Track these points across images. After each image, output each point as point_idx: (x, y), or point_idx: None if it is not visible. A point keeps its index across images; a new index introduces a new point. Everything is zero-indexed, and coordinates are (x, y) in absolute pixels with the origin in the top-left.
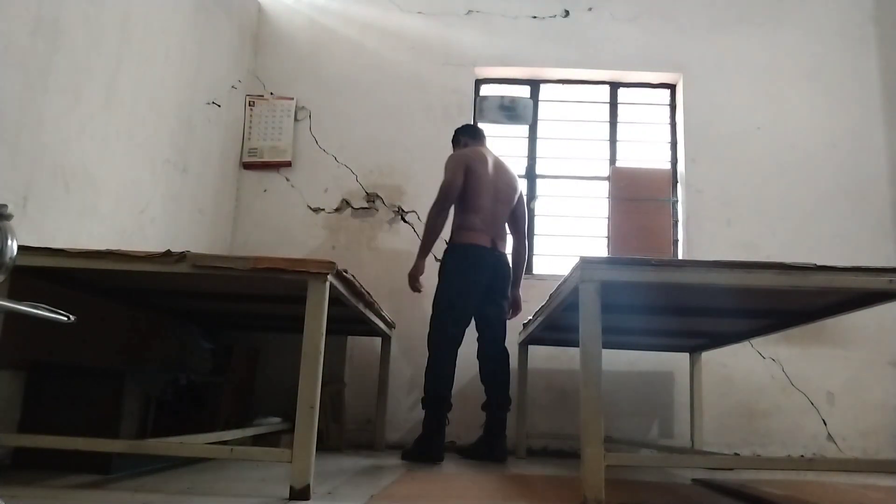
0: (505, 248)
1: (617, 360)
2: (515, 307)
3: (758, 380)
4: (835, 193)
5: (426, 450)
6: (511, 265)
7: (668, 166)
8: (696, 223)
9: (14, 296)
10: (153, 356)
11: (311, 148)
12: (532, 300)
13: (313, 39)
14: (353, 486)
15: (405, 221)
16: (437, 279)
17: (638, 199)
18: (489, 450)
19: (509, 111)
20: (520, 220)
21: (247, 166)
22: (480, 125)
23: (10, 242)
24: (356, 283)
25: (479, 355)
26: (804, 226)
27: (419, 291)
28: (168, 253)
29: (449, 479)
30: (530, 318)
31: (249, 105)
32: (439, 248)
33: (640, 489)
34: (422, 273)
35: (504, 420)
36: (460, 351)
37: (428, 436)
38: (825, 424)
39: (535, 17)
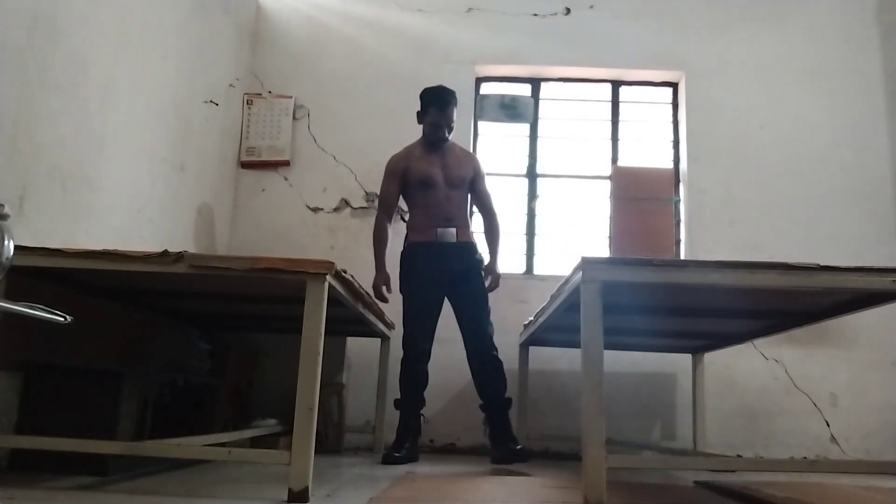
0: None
1: (619, 361)
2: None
3: (761, 381)
4: (838, 193)
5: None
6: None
7: (670, 165)
8: (698, 223)
9: (11, 296)
10: (150, 357)
11: (310, 147)
12: (533, 301)
13: (312, 37)
14: (352, 489)
15: (404, 221)
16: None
17: (640, 199)
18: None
19: (510, 110)
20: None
21: (245, 165)
22: (481, 124)
23: (6, 242)
24: (355, 284)
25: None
26: (807, 226)
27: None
28: (165, 253)
29: (448, 481)
30: (531, 318)
31: (247, 103)
32: None
33: (642, 491)
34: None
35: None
36: (459, 349)
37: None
38: (828, 426)
39: (535, 15)
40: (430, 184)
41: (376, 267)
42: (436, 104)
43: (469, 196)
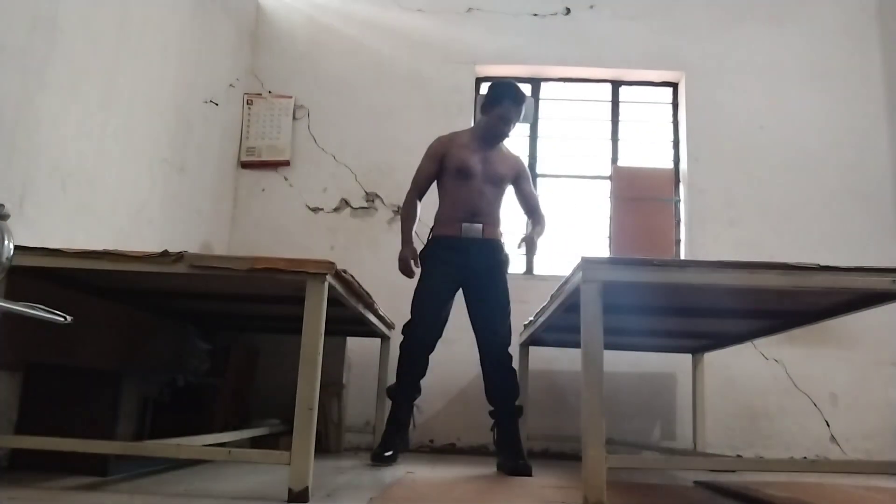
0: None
1: (619, 361)
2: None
3: (761, 381)
4: (838, 193)
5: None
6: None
7: (670, 165)
8: (698, 223)
9: (11, 296)
10: (150, 357)
11: (310, 147)
12: (533, 301)
13: (312, 37)
14: (352, 489)
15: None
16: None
17: (640, 199)
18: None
19: None
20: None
21: (245, 165)
22: None
23: (6, 242)
24: (355, 284)
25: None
26: (807, 226)
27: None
28: (165, 253)
29: (448, 482)
30: (531, 318)
31: (247, 103)
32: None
33: (642, 491)
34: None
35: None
36: (459, 349)
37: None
38: (828, 426)
39: (535, 15)
40: (467, 174)
41: (403, 241)
42: (511, 98)
43: (511, 197)
